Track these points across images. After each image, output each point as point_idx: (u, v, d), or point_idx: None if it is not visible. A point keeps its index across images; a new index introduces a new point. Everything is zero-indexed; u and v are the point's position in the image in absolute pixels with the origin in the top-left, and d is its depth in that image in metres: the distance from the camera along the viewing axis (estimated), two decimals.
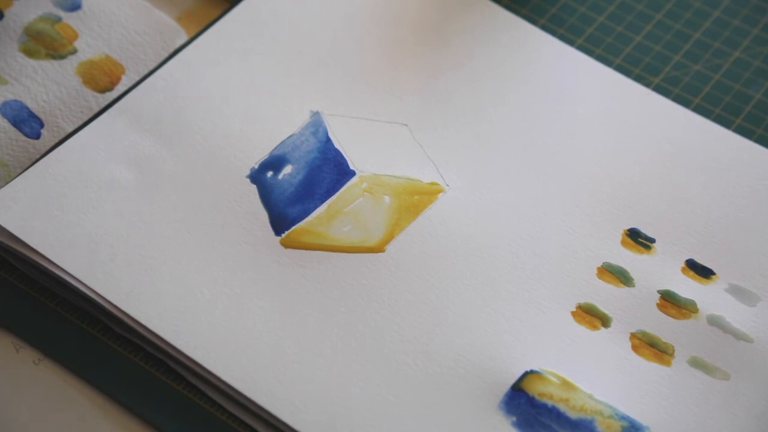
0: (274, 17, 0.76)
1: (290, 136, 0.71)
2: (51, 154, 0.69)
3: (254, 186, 0.69)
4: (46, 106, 0.72)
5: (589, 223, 0.69)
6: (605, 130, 0.73)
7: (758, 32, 0.79)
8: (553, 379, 0.63)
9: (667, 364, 0.64)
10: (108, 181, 0.68)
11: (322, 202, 0.69)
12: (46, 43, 0.75)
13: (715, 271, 0.67)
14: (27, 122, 0.71)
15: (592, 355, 0.64)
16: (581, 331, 0.65)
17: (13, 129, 0.71)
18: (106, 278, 0.64)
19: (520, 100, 0.74)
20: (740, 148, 0.73)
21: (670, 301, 0.66)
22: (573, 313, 0.65)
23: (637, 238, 0.68)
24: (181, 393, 0.63)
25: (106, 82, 0.74)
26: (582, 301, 0.66)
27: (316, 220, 0.68)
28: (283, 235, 0.67)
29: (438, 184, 0.70)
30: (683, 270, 0.67)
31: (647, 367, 0.64)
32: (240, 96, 0.72)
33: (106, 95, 0.73)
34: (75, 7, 0.76)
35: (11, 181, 0.68)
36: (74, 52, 0.75)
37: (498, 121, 0.73)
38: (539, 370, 0.63)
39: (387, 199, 0.69)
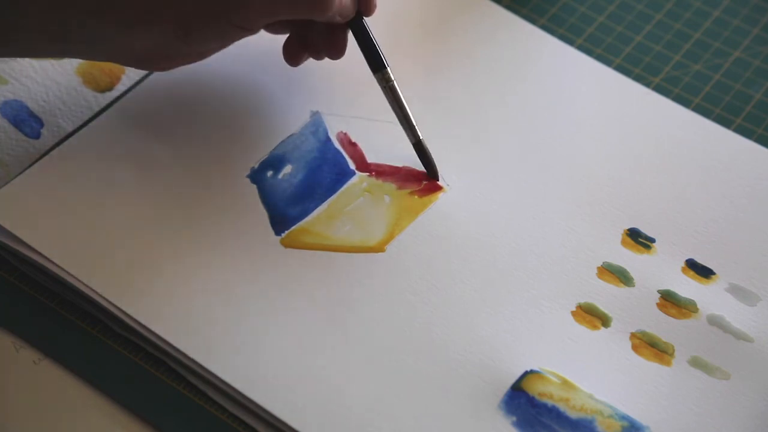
0: None
1: (290, 136, 0.71)
2: (51, 154, 0.69)
3: (254, 186, 0.69)
4: (46, 106, 0.72)
5: (589, 223, 0.69)
6: (605, 130, 0.73)
7: (758, 32, 0.79)
8: (553, 378, 0.63)
9: (667, 363, 0.64)
10: (108, 181, 0.68)
11: (322, 201, 0.69)
12: None
13: (715, 270, 0.67)
14: (27, 122, 0.71)
15: (592, 355, 0.64)
16: (581, 330, 0.65)
17: (13, 129, 0.71)
18: (106, 278, 0.64)
19: (520, 100, 0.74)
20: (740, 148, 0.73)
21: (670, 301, 0.66)
22: (573, 313, 0.65)
23: (637, 238, 0.68)
24: (181, 393, 0.63)
25: (106, 82, 0.74)
26: (582, 300, 0.66)
27: (316, 220, 0.68)
28: (283, 235, 0.67)
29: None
30: (683, 270, 0.67)
31: (647, 367, 0.64)
32: (240, 96, 0.72)
33: (106, 95, 0.73)
34: None
35: (11, 181, 0.68)
36: None
37: (498, 121, 0.73)
38: (539, 370, 0.63)
39: (387, 199, 0.69)
